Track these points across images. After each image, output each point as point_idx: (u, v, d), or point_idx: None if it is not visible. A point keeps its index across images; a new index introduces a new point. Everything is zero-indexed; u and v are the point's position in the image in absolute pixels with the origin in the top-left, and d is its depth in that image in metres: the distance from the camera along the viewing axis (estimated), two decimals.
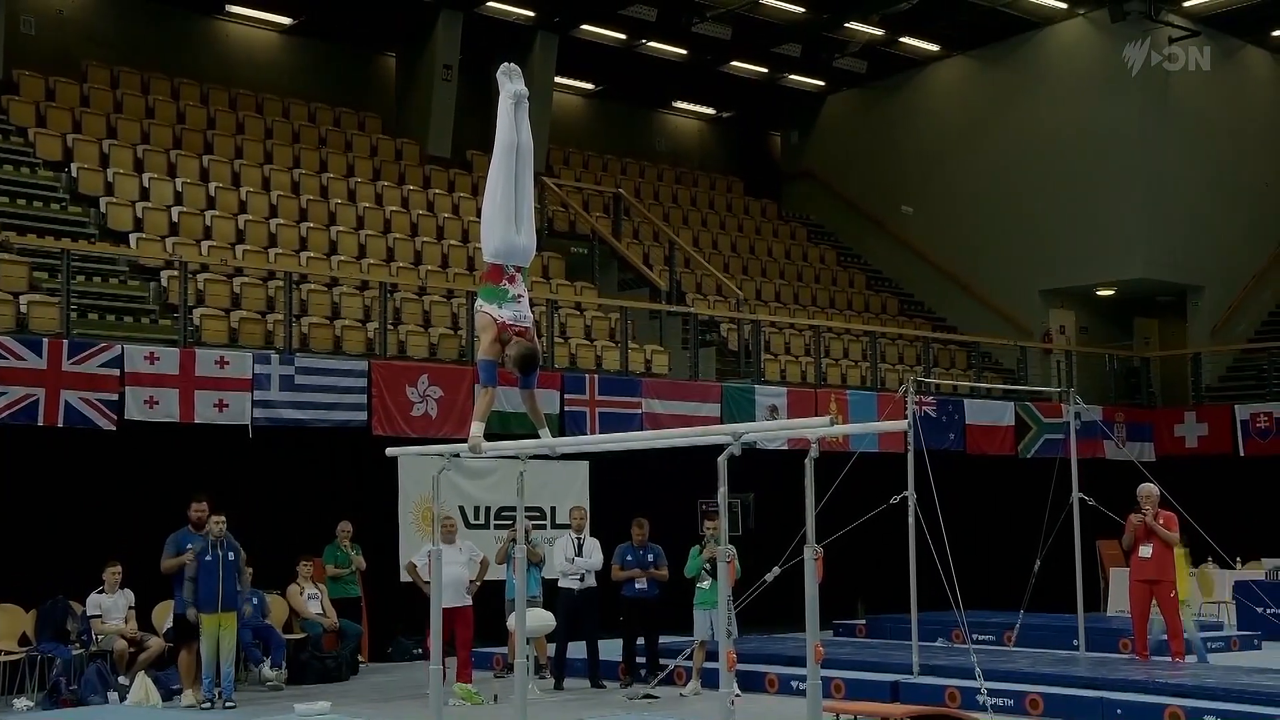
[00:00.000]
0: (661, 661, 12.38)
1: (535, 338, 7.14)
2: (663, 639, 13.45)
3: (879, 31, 22.27)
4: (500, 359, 6.95)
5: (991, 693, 10.21)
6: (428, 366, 14.15)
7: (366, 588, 13.53)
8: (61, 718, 9.75)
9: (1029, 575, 12.80)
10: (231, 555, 11.13)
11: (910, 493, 11.29)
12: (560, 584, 12.35)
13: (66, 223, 14.65)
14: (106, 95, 17.38)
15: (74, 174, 15.40)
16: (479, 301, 7.08)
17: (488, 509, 14.35)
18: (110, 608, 11.69)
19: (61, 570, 11.82)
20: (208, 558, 10.99)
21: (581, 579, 12.26)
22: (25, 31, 17.99)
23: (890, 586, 13.85)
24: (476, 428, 7.04)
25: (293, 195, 16.98)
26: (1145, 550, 12.18)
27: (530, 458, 7.79)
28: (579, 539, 12.36)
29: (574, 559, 12.25)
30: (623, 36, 21.74)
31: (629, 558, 12.26)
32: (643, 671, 12.06)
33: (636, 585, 12.13)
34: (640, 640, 12.15)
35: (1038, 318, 21.98)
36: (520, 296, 7.02)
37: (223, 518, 11.15)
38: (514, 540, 10.01)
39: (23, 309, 12.51)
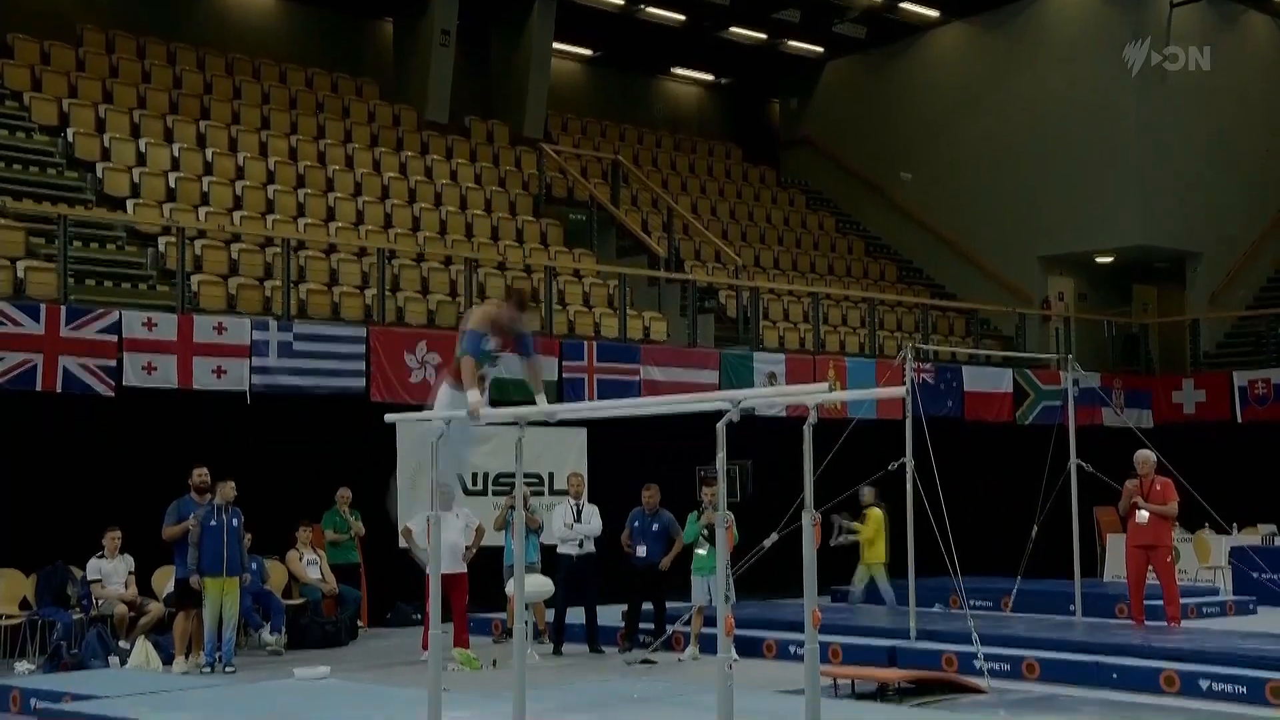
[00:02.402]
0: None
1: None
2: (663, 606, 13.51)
3: None
4: (488, 332, 7.09)
5: (988, 658, 10.27)
6: (426, 333, 14.14)
7: (365, 553, 13.56)
8: (62, 681, 9.78)
9: (1026, 541, 12.82)
10: (235, 521, 11.16)
11: (908, 459, 11.31)
12: (559, 550, 12.38)
13: (63, 188, 14.59)
14: (102, 60, 17.27)
15: (70, 139, 15.32)
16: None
17: (486, 475, 14.35)
18: (110, 573, 11.72)
19: (61, 535, 11.85)
20: (213, 522, 11.02)
21: (580, 545, 12.29)
22: None
23: (888, 552, 13.88)
24: (474, 395, 7.04)
25: (290, 161, 16.90)
26: (1141, 516, 12.22)
27: (529, 424, 7.76)
28: (577, 505, 12.39)
29: (573, 525, 12.27)
30: (621, 2, 21.61)
31: (637, 523, 12.29)
32: (642, 638, 12.09)
33: (639, 552, 12.17)
34: (648, 606, 12.18)
35: (1036, 284, 21.94)
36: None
37: (233, 482, 11.18)
38: (512, 507, 10.02)
39: (20, 275, 12.47)
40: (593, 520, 12.38)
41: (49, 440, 12.09)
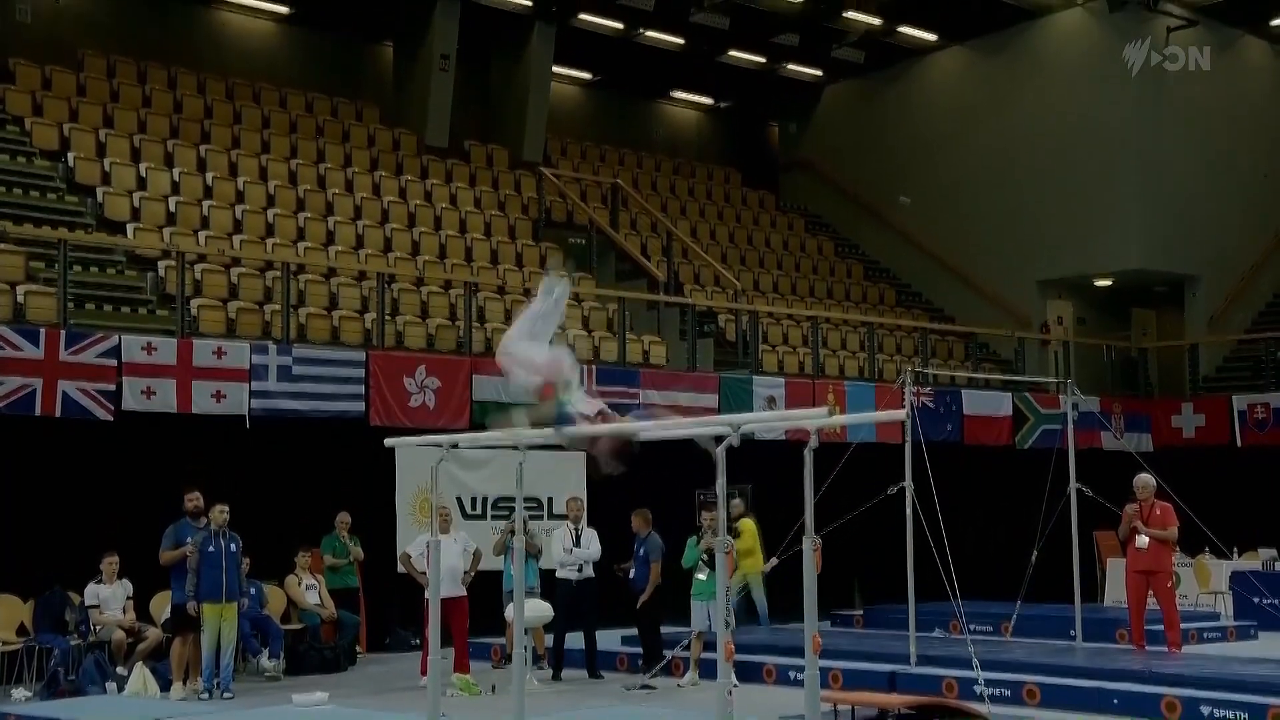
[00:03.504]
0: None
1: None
2: (661, 631, 13.47)
3: (877, 21, 22.25)
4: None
5: (989, 683, 10.23)
6: (425, 357, 14.15)
7: (364, 579, 13.53)
8: (60, 708, 9.75)
9: (1026, 565, 12.81)
10: (234, 546, 11.14)
11: (908, 483, 11.29)
12: (558, 574, 12.36)
13: (63, 212, 14.63)
14: (103, 84, 17.34)
15: (70, 163, 15.37)
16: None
17: (485, 499, 14.36)
18: (108, 598, 11.69)
19: (60, 561, 11.83)
20: (210, 548, 11.00)
21: (579, 569, 12.27)
22: (21, 20, 17.95)
23: (888, 577, 13.86)
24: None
25: (290, 185, 16.95)
26: (1141, 541, 12.22)
27: (529, 448, 7.78)
28: (576, 530, 12.38)
29: (572, 549, 12.26)
30: (621, 26, 21.70)
31: (635, 548, 12.39)
32: (639, 662, 12.08)
33: (631, 575, 12.22)
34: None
35: (1035, 308, 21.97)
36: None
37: (226, 507, 11.17)
38: (512, 531, 10.02)
39: (20, 299, 12.49)
40: (592, 545, 12.37)
41: (48, 465, 12.08)
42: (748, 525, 13.82)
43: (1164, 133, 21.07)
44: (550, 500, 14.67)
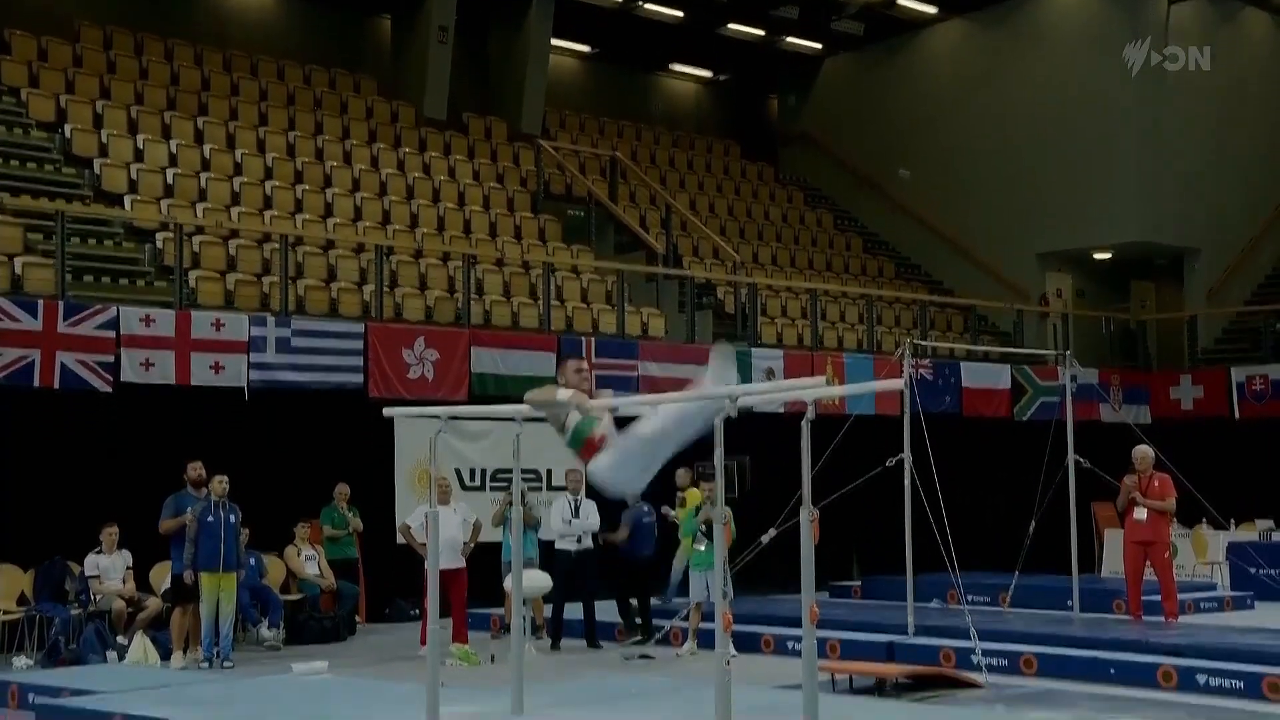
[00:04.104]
0: (658, 622, 12.45)
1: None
2: (660, 600, 13.52)
3: None
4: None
5: (986, 653, 10.27)
6: (424, 329, 14.13)
7: (363, 549, 13.57)
8: (60, 676, 9.78)
9: (1024, 537, 12.83)
10: (232, 517, 11.16)
11: (906, 455, 11.30)
12: (557, 545, 12.39)
13: (60, 184, 14.57)
14: (99, 56, 17.24)
15: (67, 135, 15.30)
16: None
17: (483, 471, 14.37)
18: (108, 568, 11.72)
19: (60, 531, 11.85)
20: (209, 518, 11.02)
21: (578, 540, 12.30)
22: None
23: (886, 548, 13.89)
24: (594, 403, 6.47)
25: (288, 158, 16.88)
26: (1139, 512, 12.24)
27: (526, 420, 7.76)
28: (575, 501, 12.39)
29: (571, 520, 12.28)
30: None
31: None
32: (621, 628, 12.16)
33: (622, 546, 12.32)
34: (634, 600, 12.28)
35: (1034, 281, 21.94)
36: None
37: (225, 478, 11.18)
38: (510, 503, 10.02)
39: (18, 271, 12.45)
40: (591, 516, 12.39)
41: (47, 436, 12.08)
42: (694, 495, 13.75)
43: (1165, 105, 20.97)
44: (549, 472, 14.69)
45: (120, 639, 11.34)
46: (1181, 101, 21.12)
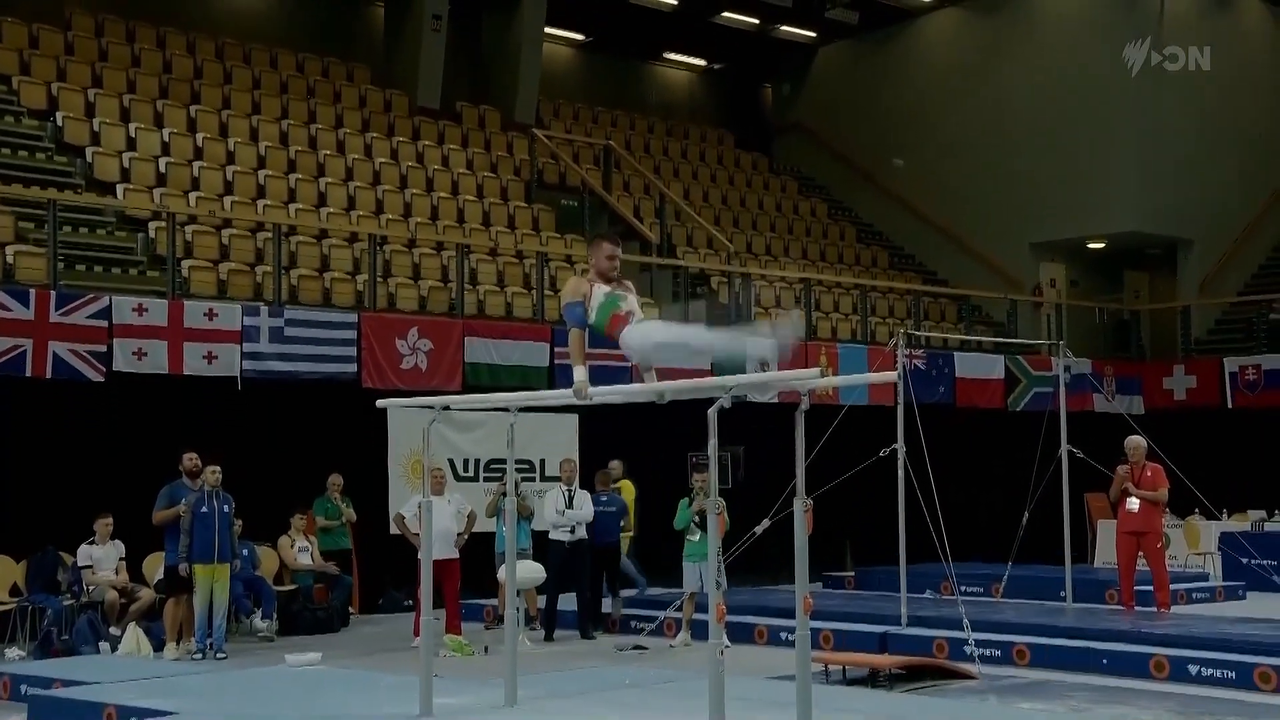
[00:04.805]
0: (650, 614, 12.46)
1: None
2: (653, 592, 13.56)
3: None
4: (584, 298, 6.46)
5: (979, 643, 10.30)
6: (417, 319, 14.11)
7: (357, 540, 13.56)
8: (53, 667, 9.77)
9: (1017, 527, 12.86)
10: (226, 507, 11.14)
11: (900, 445, 11.31)
12: (551, 536, 12.40)
13: (52, 173, 14.51)
14: (91, 43, 17.18)
15: (59, 123, 15.24)
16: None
17: (477, 461, 14.36)
18: (101, 559, 11.70)
19: (52, 521, 11.83)
20: (203, 509, 11.01)
21: (572, 531, 12.31)
22: None
23: (880, 539, 13.89)
24: (580, 372, 6.57)
25: (281, 147, 16.84)
26: (1132, 503, 12.25)
27: (521, 410, 7.76)
28: (569, 491, 12.40)
29: (564, 511, 12.28)
30: None
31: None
32: (632, 624, 12.14)
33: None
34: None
35: (1028, 271, 21.95)
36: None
37: (218, 468, 11.16)
38: (504, 493, 10.02)
39: (10, 260, 12.42)
40: (585, 506, 12.40)
41: (39, 426, 12.05)
42: (627, 486, 13.79)
43: (1159, 94, 20.95)
44: (542, 462, 14.68)
45: (113, 630, 11.33)
46: (1176, 91, 21.11)
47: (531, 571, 11.65)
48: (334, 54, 19.84)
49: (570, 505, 12.32)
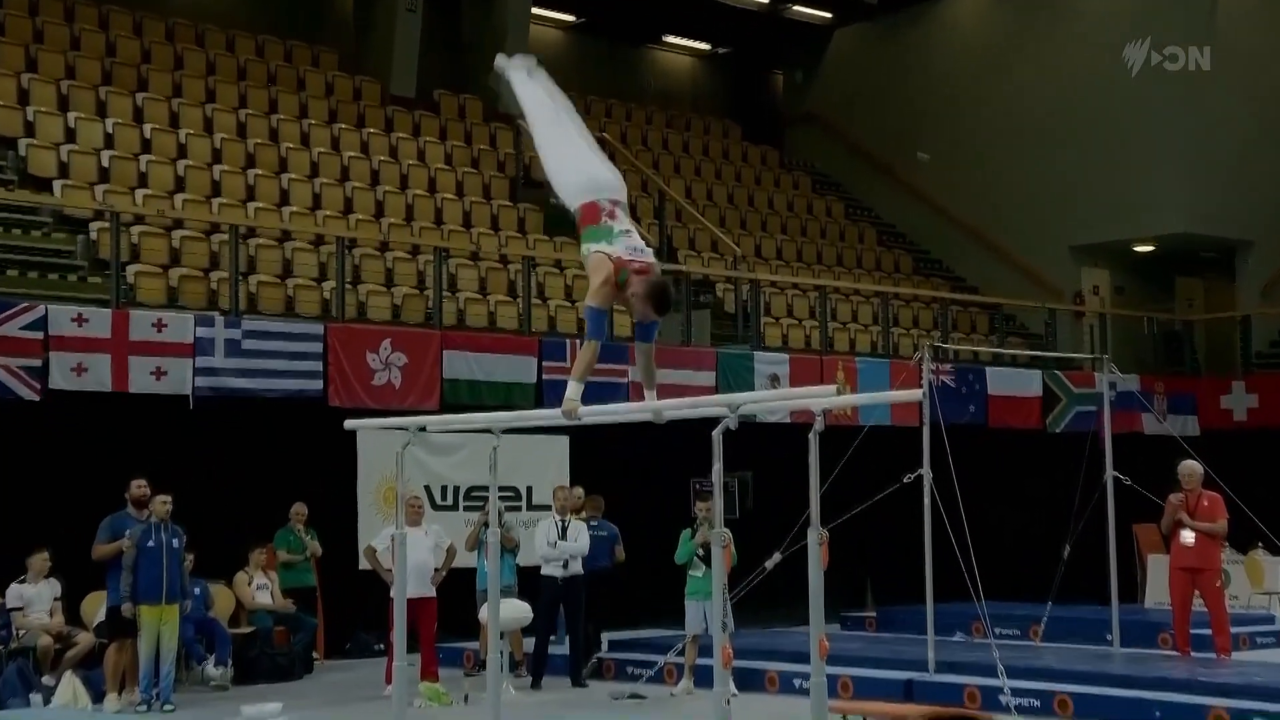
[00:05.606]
0: (649, 658, 12.43)
1: (660, 273, 6.64)
2: (651, 633, 13.54)
3: None
4: (612, 305, 6.54)
5: (1015, 692, 10.27)
6: (390, 330, 14.10)
7: (322, 577, 13.53)
8: None
9: (1058, 562, 12.84)
10: (176, 541, 11.10)
11: (926, 470, 11.30)
12: (543, 571, 12.36)
13: None
14: (24, 23, 17.17)
15: None
16: (584, 248, 6.64)
17: (456, 489, 14.34)
18: (34, 599, 11.65)
19: None
20: (150, 543, 10.96)
21: (565, 565, 12.26)
22: None
23: (904, 574, 13.88)
24: (573, 389, 6.56)
25: (238, 139, 16.85)
26: (1187, 535, 12.23)
27: (505, 432, 7.75)
28: (563, 521, 12.36)
29: (557, 543, 12.24)
30: None
31: None
32: (628, 669, 12.10)
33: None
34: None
35: (1068, 277, 21.97)
36: (629, 231, 6.65)
37: (168, 498, 11.12)
38: (486, 524, 10.00)
39: None
40: (580, 538, 12.35)
41: None
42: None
43: (1212, 81, 20.95)
44: (529, 489, 14.69)
45: (47, 679, 11.27)
46: (1232, 76, 21.13)
47: (517, 611, 11.62)
48: (298, 36, 19.88)
49: (564, 536, 12.28)
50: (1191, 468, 12.44)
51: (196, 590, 12.10)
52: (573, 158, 6.91)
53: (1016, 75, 22.48)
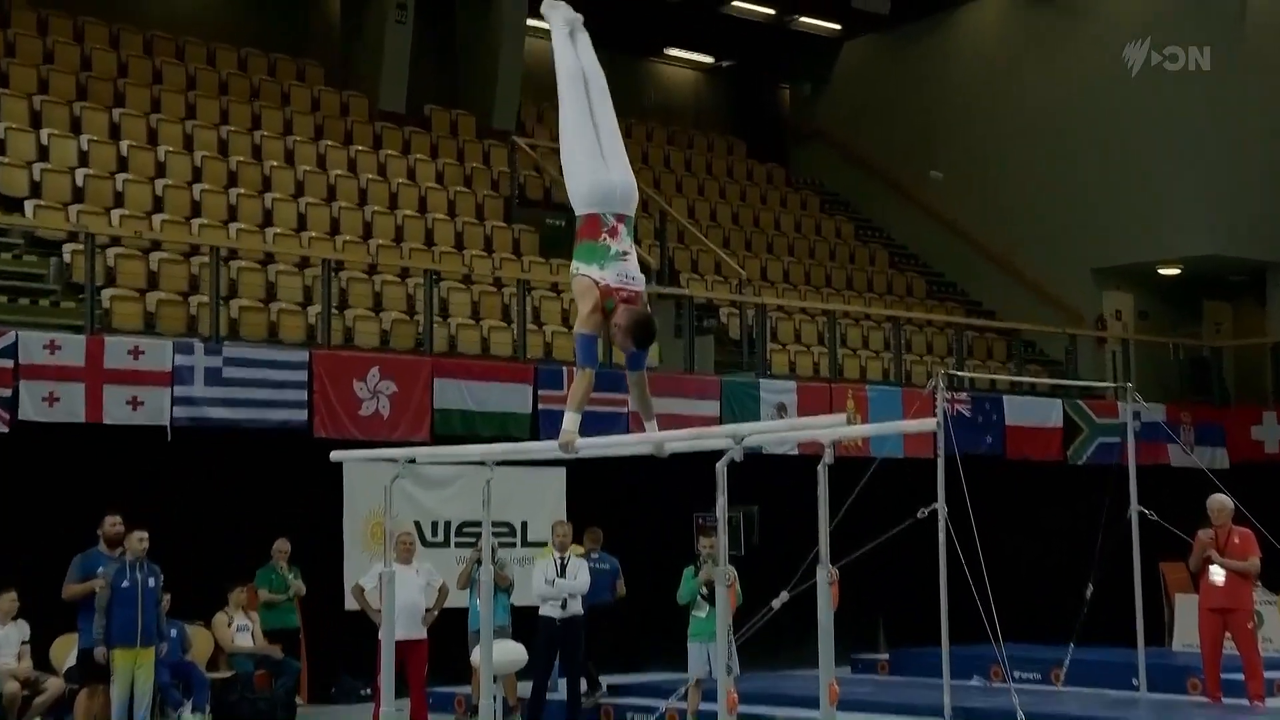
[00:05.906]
0: (650, 703, 12.39)
1: (647, 304, 6.71)
2: (652, 677, 13.50)
3: None
4: (601, 332, 6.57)
5: None
6: (379, 357, 14.10)
7: (306, 617, 13.48)
8: None
9: (1080, 602, 12.80)
10: (152, 580, 11.07)
11: (941, 505, 11.28)
12: (541, 611, 12.32)
13: None
14: None
15: None
16: (573, 265, 6.70)
17: (447, 524, 14.33)
18: (0, 641, 11.60)
19: None
20: (124, 583, 10.93)
21: (564, 605, 12.22)
22: None
23: (918, 615, 13.84)
24: (570, 420, 6.58)
25: (220, 157, 16.90)
26: (1216, 574, 12.19)
27: (498, 465, 7.74)
28: (562, 558, 12.32)
29: (555, 581, 12.20)
30: None
31: None
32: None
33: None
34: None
35: (1090, 300, 21.98)
36: (626, 254, 6.69)
37: (145, 534, 11.09)
38: (479, 561, 9.97)
39: None
40: (580, 575, 12.31)
41: None
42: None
43: (1242, 92, 20.98)
44: (524, 525, 14.67)
45: None
46: (1263, 88, 21.15)
47: (511, 654, 11.54)
48: (282, 49, 19.94)
49: (562, 574, 12.24)
50: (1221, 502, 12.41)
51: (173, 632, 12.06)
52: (585, 160, 6.98)
53: (1034, 89, 22.53)
